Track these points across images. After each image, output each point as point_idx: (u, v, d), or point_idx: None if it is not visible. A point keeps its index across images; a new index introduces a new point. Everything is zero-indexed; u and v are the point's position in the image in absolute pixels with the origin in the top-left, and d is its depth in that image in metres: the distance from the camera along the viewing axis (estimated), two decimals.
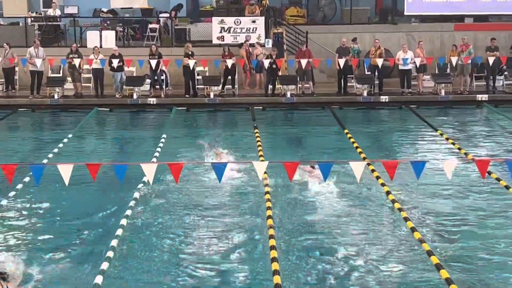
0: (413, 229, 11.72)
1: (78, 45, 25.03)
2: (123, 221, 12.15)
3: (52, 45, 26.63)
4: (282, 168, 11.82)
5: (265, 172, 12.71)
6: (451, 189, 14.47)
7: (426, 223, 12.55)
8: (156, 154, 16.74)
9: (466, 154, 16.92)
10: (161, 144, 17.87)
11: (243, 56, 24.90)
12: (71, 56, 23.75)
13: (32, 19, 27.41)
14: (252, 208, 13.34)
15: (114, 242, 11.18)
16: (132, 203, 13.18)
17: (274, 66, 23.88)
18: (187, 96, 23.99)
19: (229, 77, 24.46)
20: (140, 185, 14.14)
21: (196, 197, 14.04)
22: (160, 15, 28.56)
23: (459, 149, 17.50)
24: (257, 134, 18.98)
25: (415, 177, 11.59)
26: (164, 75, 24.60)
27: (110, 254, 10.73)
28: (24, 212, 13.14)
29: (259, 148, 17.30)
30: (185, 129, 20.72)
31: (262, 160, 15.47)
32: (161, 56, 23.98)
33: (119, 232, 11.64)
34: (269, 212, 12.41)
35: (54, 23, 27.49)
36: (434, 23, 27.98)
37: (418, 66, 24.31)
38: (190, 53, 24.01)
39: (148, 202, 13.62)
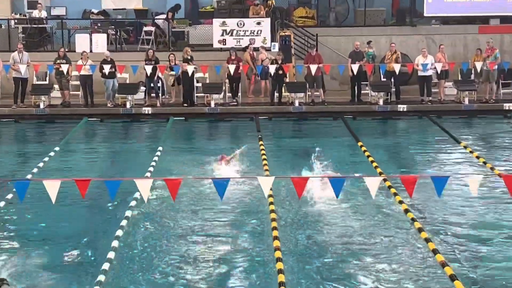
0: (434, 251, 11.69)
1: (66, 50, 25.12)
2: (115, 243, 12.14)
3: (38, 50, 26.72)
4: (290, 183, 11.83)
5: (270, 189, 12.69)
6: (476, 207, 14.46)
7: (448, 244, 12.53)
8: (151, 168, 16.76)
9: (492, 168, 16.89)
10: (156, 158, 17.89)
11: (247, 61, 24.94)
12: (58, 61, 23.81)
13: (16, 21, 27.50)
14: (257, 227, 13.35)
15: (105, 266, 11.17)
16: (124, 222, 13.18)
17: (280, 72, 23.91)
18: (185, 105, 24.04)
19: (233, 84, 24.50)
20: (133, 203, 14.13)
21: (194, 216, 14.04)
22: (156, 17, 28.64)
23: (484, 163, 17.48)
24: (262, 147, 18.99)
25: (436, 194, 11.57)
26: (160, 82, 24.67)
27: (102, 278, 10.73)
28: (6, 233, 13.12)
29: (264, 162, 17.31)
30: (183, 141, 20.72)
31: (267, 175, 15.47)
32: (158, 61, 24.04)
33: (111, 255, 11.63)
34: (275, 233, 12.40)
35: (39, 25, 27.59)
36: (456, 25, 28.02)
37: (439, 72, 24.31)
38: (189, 58, 24.08)
39: (142, 222, 13.62)
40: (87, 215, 14.07)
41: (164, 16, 28.25)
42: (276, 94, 24.39)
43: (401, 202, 14.13)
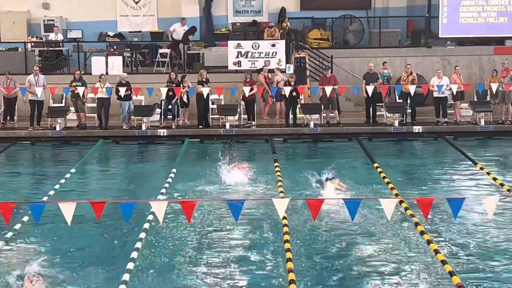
0: (451, 273, 11.61)
1: (82, 72, 25.31)
2: (130, 265, 12.14)
3: (54, 72, 26.91)
4: (305, 205, 11.81)
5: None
6: (493, 229, 14.36)
7: (466, 266, 12.45)
8: (163, 190, 16.78)
9: (509, 190, 16.80)
10: (169, 180, 17.91)
11: (262, 83, 25.00)
12: (74, 84, 23.95)
13: (32, 44, 27.74)
14: (271, 248, 13.31)
15: None
16: (138, 244, 13.17)
17: (294, 93, 23.93)
18: (200, 127, 24.11)
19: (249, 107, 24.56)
20: (147, 225, 14.13)
21: (209, 238, 14.03)
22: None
23: (501, 184, 17.39)
24: (277, 168, 18.98)
25: (452, 216, 11.51)
26: (177, 104, 24.76)
27: None
28: (22, 255, 13.15)
29: (279, 183, 17.30)
30: (198, 163, 20.74)
31: (282, 197, 15.47)
32: (179, 84, 24.14)
33: (126, 277, 11.63)
34: (288, 255, 12.36)
35: (56, 48, 27.81)
36: (472, 46, 28.04)
37: (454, 93, 24.27)
38: (204, 80, 24.18)
39: (157, 243, 13.61)
40: (102, 237, 14.06)
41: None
42: (291, 116, 24.40)
43: (417, 224, 14.06)
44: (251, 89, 24.14)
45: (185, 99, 24.29)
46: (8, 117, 24.69)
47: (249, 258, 12.99)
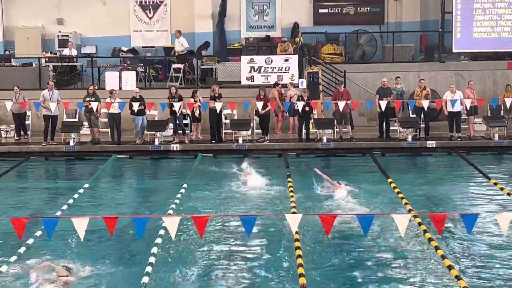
0: None
1: (96, 87, 25.40)
2: (145, 279, 12.14)
3: (68, 88, 27.05)
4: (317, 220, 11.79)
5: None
6: (507, 246, 14.26)
7: (480, 282, 12.37)
8: (174, 206, 16.79)
9: None
10: (179, 195, 17.91)
11: (275, 98, 25.01)
12: (87, 99, 24.04)
13: (47, 59, 27.89)
14: (283, 264, 13.29)
15: None
16: (152, 259, 13.16)
17: (307, 108, 23.92)
18: (213, 141, 24.14)
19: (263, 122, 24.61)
20: (159, 240, 14.12)
21: (222, 253, 14.02)
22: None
23: None
24: (290, 183, 18.96)
25: (466, 231, 11.46)
26: (188, 119, 24.81)
27: None
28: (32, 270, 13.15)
29: (292, 198, 17.28)
30: (210, 178, 20.73)
31: (294, 212, 15.44)
32: (181, 98, 24.18)
33: None
34: (301, 270, 12.32)
35: (70, 63, 27.96)
36: (485, 61, 27.99)
37: (468, 108, 24.19)
38: (216, 95, 24.22)
39: (169, 259, 13.60)
40: (115, 252, 14.06)
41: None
42: (304, 131, 24.38)
43: (430, 239, 13.99)
44: (265, 105, 24.14)
45: (197, 114, 24.34)
46: (22, 132, 24.76)
47: (262, 273, 12.98)
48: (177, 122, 24.30)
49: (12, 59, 28.06)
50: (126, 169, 23.03)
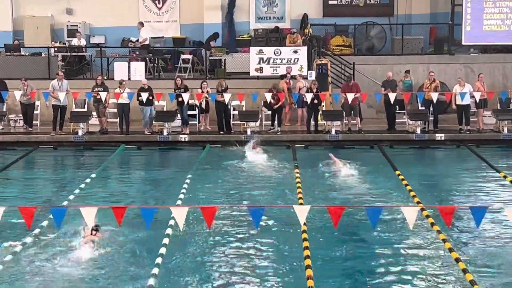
0: (472, 283, 11.51)
1: (105, 78, 25.40)
2: (155, 270, 12.13)
3: (77, 78, 27.06)
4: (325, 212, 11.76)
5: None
6: None
7: (488, 276, 12.33)
8: (182, 196, 16.79)
9: None
10: (189, 185, 17.92)
11: (283, 90, 24.97)
12: (96, 89, 24.04)
13: (56, 49, 27.89)
14: (290, 255, 13.28)
15: None
16: (162, 250, 13.16)
17: (315, 101, 23.86)
18: (221, 133, 24.12)
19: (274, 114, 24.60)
20: (169, 230, 14.12)
21: (229, 244, 14.02)
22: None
23: None
24: (297, 175, 18.94)
25: (474, 225, 11.41)
26: (196, 109, 24.80)
27: None
28: (43, 259, 13.19)
29: (299, 190, 17.25)
30: (218, 169, 20.73)
31: (301, 204, 15.42)
32: (187, 89, 24.15)
33: (151, 281, 11.62)
34: (308, 262, 12.30)
35: (79, 53, 27.97)
36: (495, 54, 27.87)
37: (477, 101, 24.10)
38: (223, 89, 24.16)
39: (179, 248, 13.60)
40: (124, 242, 14.06)
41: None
42: (312, 123, 24.33)
43: (438, 232, 13.96)
44: (278, 100, 24.01)
45: (203, 105, 24.32)
46: (28, 123, 24.73)
47: (268, 264, 12.97)
48: (183, 113, 24.25)
49: (21, 49, 28.07)
50: (134, 159, 23.04)
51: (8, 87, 24.75)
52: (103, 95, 23.84)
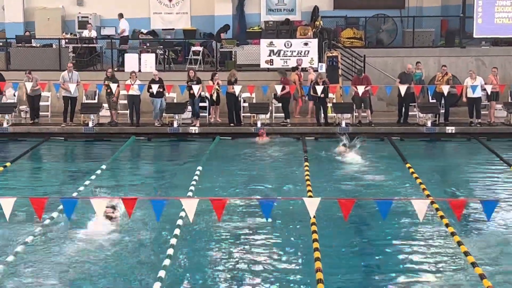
0: (482, 276, 11.48)
1: (115, 69, 25.41)
2: (166, 262, 12.17)
3: (88, 69, 27.10)
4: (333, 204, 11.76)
5: None
6: None
7: (496, 269, 12.31)
8: (192, 188, 16.82)
9: None
10: (199, 177, 17.94)
11: (294, 82, 24.94)
12: (106, 82, 24.05)
13: (67, 41, 27.93)
14: (299, 247, 13.29)
15: (156, 285, 11.20)
16: (173, 241, 13.18)
17: (322, 95, 23.82)
18: (231, 125, 24.13)
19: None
20: (180, 221, 14.13)
21: (239, 236, 14.04)
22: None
23: None
24: (306, 167, 18.92)
25: (485, 218, 11.39)
26: (206, 101, 24.82)
27: None
28: (54, 251, 13.24)
29: (308, 182, 17.23)
30: (228, 161, 20.74)
31: (310, 196, 15.41)
32: (200, 81, 24.15)
33: (161, 273, 11.64)
34: (317, 254, 12.31)
35: (90, 45, 27.99)
36: (506, 47, 27.74)
37: (489, 94, 24.01)
38: (234, 80, 24.16)
39: (188, 240, 13.63)
40: (134, 234, 14.09)
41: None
42: (322, 115, 24.32)
43: (447, 225, 13.93)
44: (283, 88, 24.08)
45: (214, 97, 24.33)
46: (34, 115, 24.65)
47: (277, 256, 12.98)
48: (194, 105, 24.25)
49: (32, 40, 28.12)
50: (144, 151, 23.06)
51: (15, 79, 24.74)
52: (113, 86, 23.85)
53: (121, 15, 28.58)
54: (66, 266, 12.43)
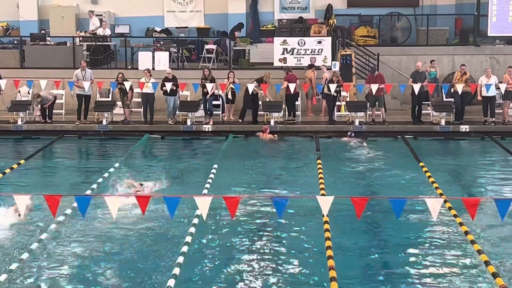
0: (494, 275, 11.47)
1: (129, 67, 25.47)
2: (180, 259, 12.20)
3: (102, 67, 27.18)
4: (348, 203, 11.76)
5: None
6: None
7: (510, 268, 12.28)
8: (207, 185, 16.87)
9: None
10: (212, 175, 17.98)
11: (310, 80, 24.93)
12: (118, 86, 24.12)
13: (81, 39, 28.03)
14: (312, 245, 13.31)
15: (170, 282, 11.25)
16: (188, 238, 13.23)
17: (334, 93, 23.82)
18: (240, 120, 24.16)
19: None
20: (195, 220, 14.18)
21: (252, 233, 14.08)
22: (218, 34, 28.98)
23: None
24: (319, 166, 18.92)
25: (499, 217, 11.36)
26: (220, 100, 24.85)
27: None
28: (66, 248, 13.31)
29: (321, 181, 17.24)
30: (241, 159, 20.76)
31: (323, 194, 15.42)
32: (214, 80, 24.19)
33: (176, 271, 11.68)
34: (329, 252, 12.32)
35: (103, 43, 28.08)
36: None
37: (503, 92, 23.91)
38: (266, 81, 24.16)
39: (202, 237, 13.67)
40: (148, 232, 14.14)
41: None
42: (336, 113, 24.32)
43: (461, 224, 13.92)
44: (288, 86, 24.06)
45: (229, 95, 24.38)
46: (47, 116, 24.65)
47: (290, 254, 13.01)
48: (207, 104, 24.30)
49: (47, 38, 28.23)
50: (157, 149, 23.13)
51: (30, 77, 24.85)
52: (127, 84, 23.94)
53: (91, 12, 28.74)
54: (77, 263, 12.53)
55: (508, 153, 20.87)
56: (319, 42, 26.26)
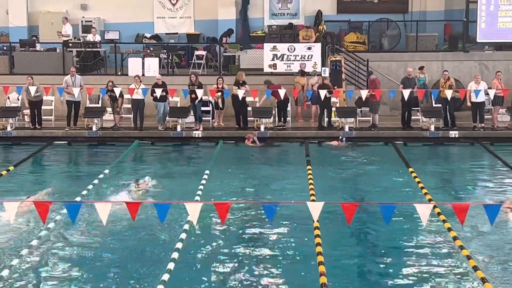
0: (483, 280, 11.51)
1: (119, 73, 25.45)
2: (171, 265, 12.20)
3: (91, 73, 27.16)
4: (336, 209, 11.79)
5: None
6: None
7: (498, 274, 12.33)
8: (199, 192, 16.86)
9: None
10: (203, 181, 17.98)
11: (302, 85, 24.99)
12: (108, 93, 24.11)
13: (70, 45, 28.00)
14: (303, 252, 13.33)
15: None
16: (179, 244, 13.23)
17: (322, 98, 23.91)
18: (236, 126, 24.20)
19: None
20: (186, 226, 14.18)
21: (242, 239, 14.09)
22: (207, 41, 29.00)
23: None
24: (309, 171, 18.96)
25: (488, 222, 11.41)
26: (210, 105, 24.88)
27: None
28: (56, 255, 13.29)
29: (311, 186, 17.28)
30: (231, 165, 20.78)
31: (313, 200, 15.45)
32: (201, 86, 24.19)
33: (165, 277, 11.67)
34: (320, 258, 12.33)
35: (93, 49, 28.06)
36: (510, 51, 27.73)
37: (492, 98, 24.03)
38: (241, 82, 24.23)
39: (193, 245, 13.67)
40: (138, 238, 14.14)
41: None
42: (326, 119, 24.38)
43: (450, 229, 13.97)
44: (276, 92, 24.09)
45: (219, 102, 24.40)
46: (36, 121, 24.54)
47: (281, 260, 13.02)
48: (196, 109, 24.31)
49: (36, 44, 28.20)
50: (148, 155, 23.10)
51: (19, 83, 24.81)
52: (117, 90, 23.94)
53: (65, 19, 28.76)
54: (68, 269, 12.50)
55: (497, 159, 20.97)
56: (309, 48, 26.34)
